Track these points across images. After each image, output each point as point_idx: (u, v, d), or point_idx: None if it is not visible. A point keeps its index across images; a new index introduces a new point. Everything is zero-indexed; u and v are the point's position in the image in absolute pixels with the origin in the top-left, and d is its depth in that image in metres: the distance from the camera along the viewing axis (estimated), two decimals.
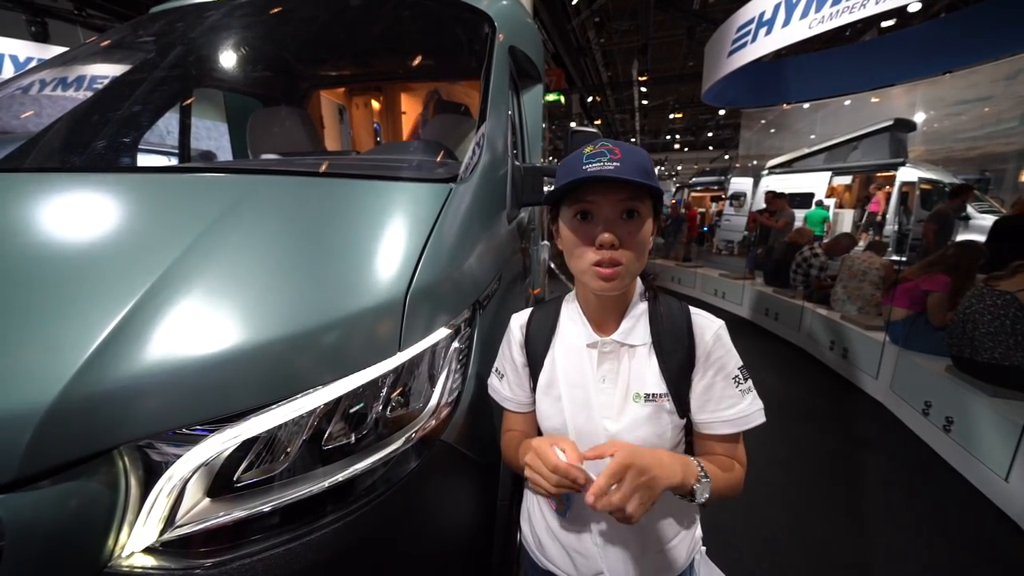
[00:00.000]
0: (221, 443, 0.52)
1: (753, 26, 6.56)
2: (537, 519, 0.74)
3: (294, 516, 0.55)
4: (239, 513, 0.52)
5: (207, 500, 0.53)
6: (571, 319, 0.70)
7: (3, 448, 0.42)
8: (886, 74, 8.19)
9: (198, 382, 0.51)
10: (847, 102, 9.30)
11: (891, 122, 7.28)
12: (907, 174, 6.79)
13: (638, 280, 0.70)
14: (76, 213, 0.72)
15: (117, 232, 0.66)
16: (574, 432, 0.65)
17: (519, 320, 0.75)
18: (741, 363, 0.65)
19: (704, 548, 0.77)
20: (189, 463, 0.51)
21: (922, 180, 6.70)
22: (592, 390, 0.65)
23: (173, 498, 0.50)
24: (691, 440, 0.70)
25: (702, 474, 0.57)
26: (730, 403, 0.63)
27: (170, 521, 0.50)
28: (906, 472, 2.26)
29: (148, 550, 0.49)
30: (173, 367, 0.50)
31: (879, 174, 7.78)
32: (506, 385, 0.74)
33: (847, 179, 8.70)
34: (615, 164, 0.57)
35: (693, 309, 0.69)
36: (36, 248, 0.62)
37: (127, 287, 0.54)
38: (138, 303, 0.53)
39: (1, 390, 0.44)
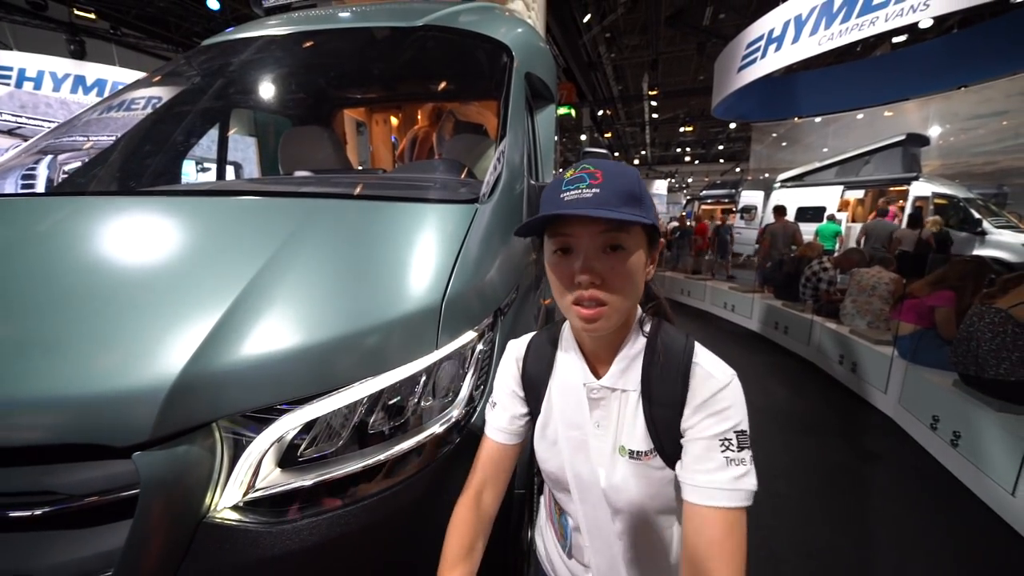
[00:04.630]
0: (288, 424, 0.63)
1: (763, 42, 6.67)
2: (549, 541, 0.76)
3: (346, 487, 0.65)
4: (303, 482, 0.63)
5: (278, 470, 0.64)
6: (567, 355, 0.65)
7: (142, 413, 0.54)
8: (899, 88, 8.20)
9: (274, 372, 0.62)
10: (860, 116, 9.30)
11: (903, 136, 7.28)
12: (920, 188, 6.77)
13: (638, 310, 0.62)
14: (180, 231, 0.86)
15: (211, 247, 0.80)
16: (572, 477, 0.62)
17: (515, 352, 0.71)
18: (742, 428, 0.52)
19: None
20: (266, 440, 0.62)
21: (936, 195, 6.68)
22: (590, 434, 0.61)
23: (254, 467, 0.61)
24: None
25: None
26: (707, 468, 0.51)
27: (251, 485, 0.61)
28: (913, 486, 2.28)
29: (234, 507, 0.60)
30: (256, 359, 0.62)
31: (891, 188, 7.76)
32: (500, 413, 0.69)
33: (859, 193, 8.68)
34: (594, 191, 0.50)
35: (701, 353, 0.57)
36: (150, 260, 0.76)
37: (224, 292, 0.67)
38: (232, 306, 0.65)
39: (140, 367, 0.57)
